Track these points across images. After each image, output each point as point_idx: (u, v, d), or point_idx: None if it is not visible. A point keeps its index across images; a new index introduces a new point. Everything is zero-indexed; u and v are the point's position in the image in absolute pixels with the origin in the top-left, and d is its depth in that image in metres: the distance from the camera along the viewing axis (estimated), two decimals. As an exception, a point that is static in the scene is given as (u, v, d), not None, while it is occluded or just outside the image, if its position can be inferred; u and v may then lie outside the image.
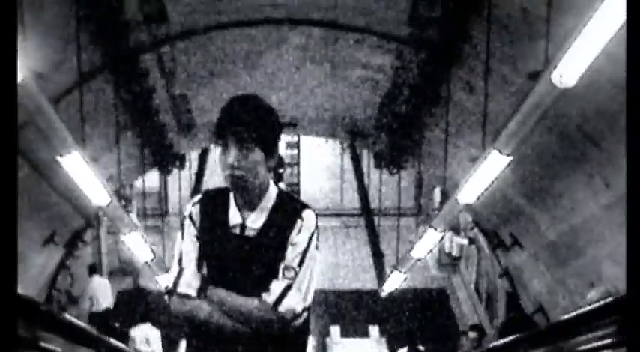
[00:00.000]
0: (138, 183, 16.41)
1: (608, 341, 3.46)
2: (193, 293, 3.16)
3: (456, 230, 20.15)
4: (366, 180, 23.53)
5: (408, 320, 19.95)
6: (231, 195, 3.22)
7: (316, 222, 3.28)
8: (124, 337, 12.70)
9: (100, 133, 10.23)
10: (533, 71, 5.57)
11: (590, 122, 8.39)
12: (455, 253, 21.40)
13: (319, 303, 20.45)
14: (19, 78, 5.27)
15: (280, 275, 3.16)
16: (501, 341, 7.71)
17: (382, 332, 19.32)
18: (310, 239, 3.24)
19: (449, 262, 21.98)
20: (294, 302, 3.15)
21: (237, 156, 3.04)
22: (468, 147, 10.90)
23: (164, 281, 3.35)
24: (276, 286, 3.14)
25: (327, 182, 26.18)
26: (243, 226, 3.20)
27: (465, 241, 19.37)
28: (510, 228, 12.55)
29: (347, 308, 20.72)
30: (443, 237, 11.83)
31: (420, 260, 12.64)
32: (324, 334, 19.22)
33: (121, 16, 8.31)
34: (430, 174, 13.52)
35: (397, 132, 12.25)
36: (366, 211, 22.88)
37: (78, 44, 7.76)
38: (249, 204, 3.20)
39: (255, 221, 3.19)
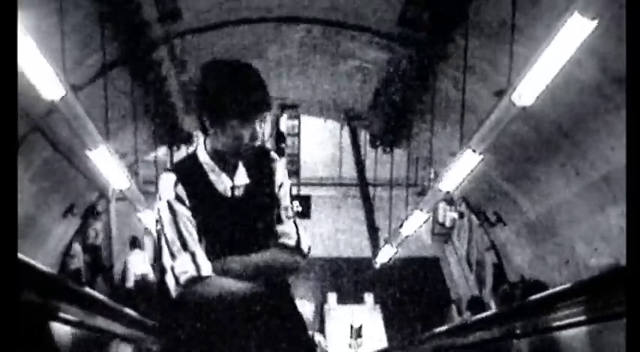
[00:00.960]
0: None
1: (608, 312, 3.42)
2: (211, 272, 3.03)
3: (449, 202, 20.68)
4: (363, 155, 23.87)
5: (401, 287, 20.66)
6: (206, 163, 3.11)
7: None
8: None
9: (117, 114, 11.11)
10: (498, 90, 6.44)
11: (561, 117, 9.18)
12: (448, 224, 21.91)
13: (317, 270, 21.18)
14: (61, 88, 6.19)
15: (284, 217, 3.18)
16: (492, 311, 8.24)
17: (376, 299, 20.02)
18: (286, 174, 3.26)
19: (442, 232, 22.57)
20: (307, 237, 3.21)
21: (257, 127, 2.99)
22: (451, 132, 11.70)
23: (178, 272, 3.03)
24: (286, 228, 3.18)
25: (326, 153, 26.38)
26: (233, 187, 3.12)
27: (456, 215, 19.96)
28: (495, 206, 13.29)
29: (344, 275, 21.29)
30: (429, 218, 12.62)
31: (407, 237, 13.46)
32: (322, 301, 19.88)
33: (138, 15, 9.14)
34: (419, 154, 14.37)
35: (390, 116, 12.96)
36: (363, 185, 23.27)
37: (102, 40, 8.63)
38: (233, 165, 3.13)
39: (242, 178, 3.13)
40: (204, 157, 3.11)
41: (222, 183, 3.11)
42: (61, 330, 4.14)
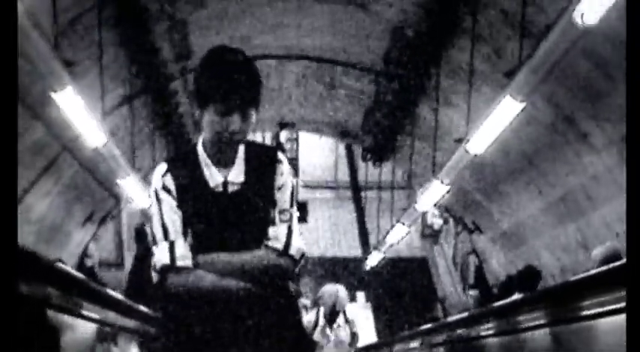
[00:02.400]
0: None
1: (606, 308, 3.39)
2: (190, 264, 2.95)
3: (438, 206, 21.60)
4: (356, 164, 24.44)
5: (391, 286, 21.56)
6: (201, 155, 3.01)
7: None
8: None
9: (138, 133, 12.52)
10: (457, 138, 7.85)
11: (525, 147, 10.54)
12: (436, 227, 22.39)
13: (314, 270, 22.30)
14: (102, 137, 7.62)
15: (277, 219, 3.05)
16: (480, 309, 8.95)
17: (368, 298, 20.96)
18: (291, 178, 3.14)
19: (430, 234, 22.85)
20: (300, 242, 3.08)
21: (241, 120, 2.87)
22: (430, 151, 13.00)
23: (155, 260, 3.03)
24: (278, 231, 3.04)
25: (323, 157, 26.93)
26: (225, 183, 3.01)
27: (441, 221, 21.08)
28: (472, 216, 14.58)
29: (338, 274, 21.59)
30: (409, 233, 13.85)
31: (392, 245, 14.75)
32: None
33: (157, 56, 10.58)
34: (403, 166, 15.79)
35: (377, 136, 14.35)
36: (356, 193, 24.26)
37: (130, 80, 10.06)
38: (227, 160, 3.01)
39: (237, 175, 3.02)
40: (200, 150, 3.02)
41: (215, 178, 3.01)
42: (77, 323, 4.24)
